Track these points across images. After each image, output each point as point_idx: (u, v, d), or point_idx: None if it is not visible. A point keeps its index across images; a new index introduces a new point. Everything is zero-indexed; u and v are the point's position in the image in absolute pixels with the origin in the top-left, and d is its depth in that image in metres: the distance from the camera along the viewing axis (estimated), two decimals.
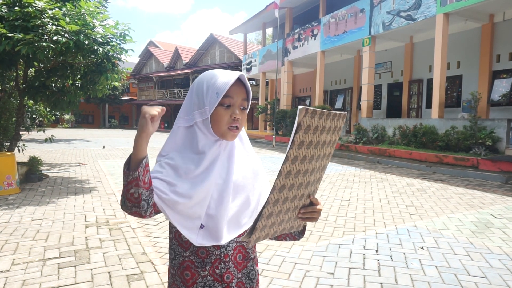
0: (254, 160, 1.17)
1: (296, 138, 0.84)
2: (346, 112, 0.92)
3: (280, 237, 1.19)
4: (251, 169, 1.14)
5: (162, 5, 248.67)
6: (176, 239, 1.11)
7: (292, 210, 1.00)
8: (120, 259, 3.23)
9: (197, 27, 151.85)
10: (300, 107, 0.81)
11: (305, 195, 0.99)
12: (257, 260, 1.23)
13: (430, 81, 13.29)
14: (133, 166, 0.93)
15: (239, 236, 1.12)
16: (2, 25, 5.49)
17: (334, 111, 0.88)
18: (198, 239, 1.05)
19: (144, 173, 0.94)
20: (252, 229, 0.93)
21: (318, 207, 1.01)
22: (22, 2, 5.69)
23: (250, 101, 1.12)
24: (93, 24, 6.08)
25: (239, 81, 1.06)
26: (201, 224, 1.06)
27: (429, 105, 13.35)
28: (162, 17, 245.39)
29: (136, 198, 0.95)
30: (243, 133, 1.17)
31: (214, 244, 1.07)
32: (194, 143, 1.07)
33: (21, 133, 7.73)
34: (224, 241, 1.07)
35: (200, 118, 1.05)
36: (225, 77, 1.03)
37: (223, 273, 1.09)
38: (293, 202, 0.97)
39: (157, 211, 1.04)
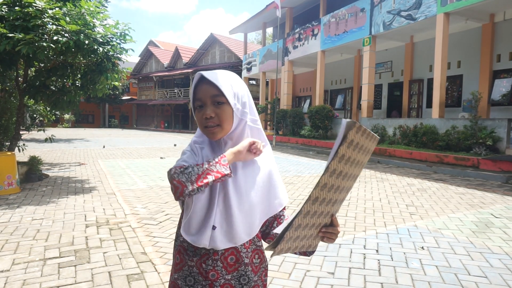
0: (268, 160, 1.17)
1: (340, 150, 0.83)
2: (379, 137, 0.93)
3: None
4: (262, 168, 1.14)
5: (166, 6, 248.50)
6: (180, 221, 1.14)
7: (316, 227, 0.99)
8: (120, 259, 3.23)
9: (201, 27, 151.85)
10: (348, 120, 0.82)
11: (329, 214, 0.99)
12: (264, 269, 1.20)
13: (430, 81, 13.28)
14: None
15: (250, 241, 1.14)
16: (3, 25, 5.49)
17: (372, 132, 0.89)
18: (211, 242, 1.06)
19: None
20: (279, 239, 0.92)
21: (338, 228, 1.04)
22: (23, 2, 5.68)
23: (230, 94, 1.07)
24: (93, 24, 6.08)
25: (207, 80, 1.07)
26: (213, 226, 1.06)
27: (429, 104, 13.34)
28: (165, 18, 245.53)
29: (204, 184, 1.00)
30: (258, 133, 1.17)
31: (231, 246, 1.08)
32: (204, 151, 1.13)
33: (21, 132, 7.73)
34: (240, 242, 1.09)
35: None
36: (194, 82, 1.10)
37: (209, 270, 1.08)
38: (319, 218, 0.97)
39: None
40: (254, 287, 1.14)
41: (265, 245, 1.22)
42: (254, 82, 31.57)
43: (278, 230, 1.12)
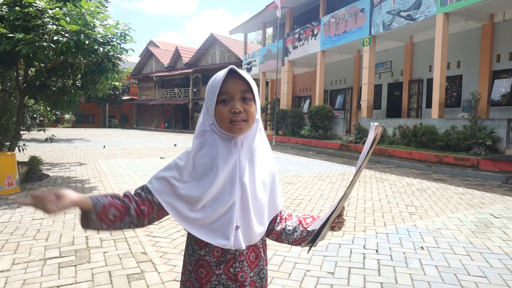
0: (271, 160, 1.20)
1: (370, 151, 0.94)
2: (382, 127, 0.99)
3: (295, 242, 1.21)
4: (268, 169, 1.17)
5: (167, 6, 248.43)
6: (193, 236, 1.10)
7: (333, 219, 1.12)
8: (120, 258, 3.23)
9: (202, 27, 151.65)
10: (375, 123, 0.91)
11: (342, 206, 1.11)
12: (267, 260, 1.24)
13: (430, 81, 13.29)
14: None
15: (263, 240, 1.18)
16: (3, 25, 5.49)
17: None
18: (236, 243, 1.06)
19: (101, 219, 1.05)
20: (317, 236, 1.07)
21: (344, 217, 1.16)
22: (23, 2, 5.69)
23: (256, 91, 1.10)
24: (94, 24, 6.09)
25: (236, 75, 1.06)
26: (236, 225, 1.06)
27: (429, 105, 13.34)
28: (166, 18, 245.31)
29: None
30: (263, 134, 1.18)
31: (248, 245, 1.10)
32: (211, 146, 1.08)
33: (21, 132, 7.73)
34: (254, 241, 1.11)
35: (211, 121, 1.08)
36: (219, 75, 1.07)
37: (237, 272, 1.09)
38: (338, 211, 1.10)
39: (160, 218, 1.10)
40: (266, 277, 1.20)
41: (268, 240, 1.25)
42: None
43: (314, 227, 1.16)
